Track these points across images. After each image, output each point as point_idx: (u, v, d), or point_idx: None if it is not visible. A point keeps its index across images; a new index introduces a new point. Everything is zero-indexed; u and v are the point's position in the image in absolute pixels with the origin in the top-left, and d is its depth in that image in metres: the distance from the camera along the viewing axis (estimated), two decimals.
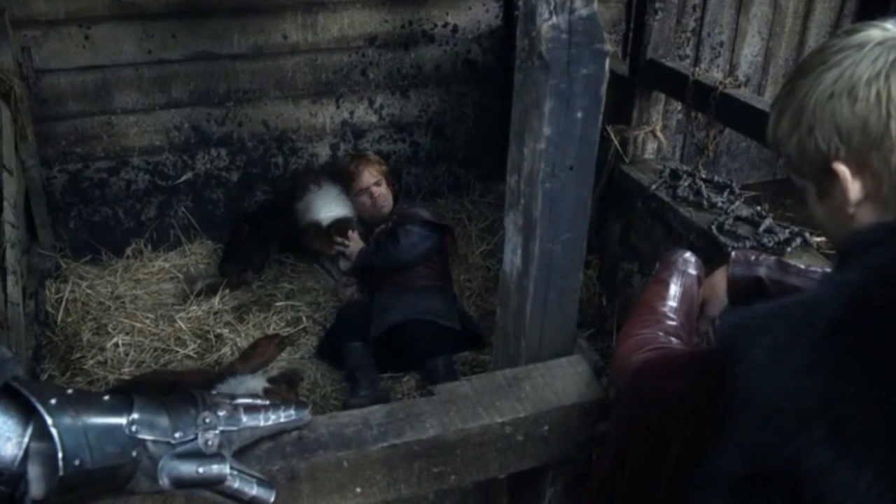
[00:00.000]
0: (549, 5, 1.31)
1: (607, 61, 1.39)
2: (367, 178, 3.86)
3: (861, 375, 0.82)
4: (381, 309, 3.44)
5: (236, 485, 1.22)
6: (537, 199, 1.46)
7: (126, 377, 3.21)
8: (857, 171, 0.99)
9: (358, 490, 1.38)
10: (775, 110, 1.08)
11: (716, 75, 3.44)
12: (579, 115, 1.41)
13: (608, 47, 1.37)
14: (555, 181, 1.45)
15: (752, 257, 1.64)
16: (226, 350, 3.44)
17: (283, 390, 2.72)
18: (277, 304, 3.77)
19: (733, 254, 1.66)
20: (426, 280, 3.60)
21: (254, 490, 1.24)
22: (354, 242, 3.74)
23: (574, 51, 1.34)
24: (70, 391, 1.16)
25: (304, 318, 3.68)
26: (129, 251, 4.04)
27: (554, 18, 1.32)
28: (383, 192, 3.87)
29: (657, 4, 3.22)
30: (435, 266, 3.71)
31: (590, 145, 1.45)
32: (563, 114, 1.39)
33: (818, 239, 2.74)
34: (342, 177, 3.96)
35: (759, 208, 2.97)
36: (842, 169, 0.99)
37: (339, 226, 3.78)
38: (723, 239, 2.77)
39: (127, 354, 3.39)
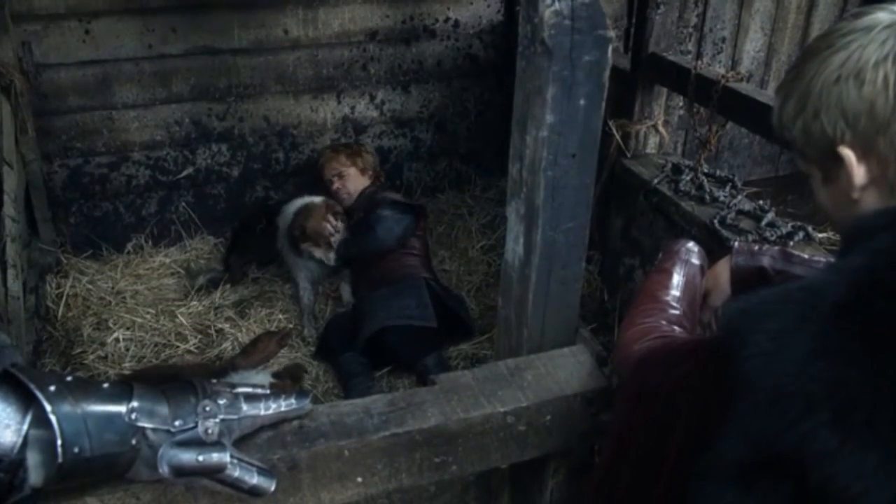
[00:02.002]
0: None
1: (610, 48, 1.38)
2: (329, 171, 3.89)
3: (867, 359, 0.81)
4: (362, 314, 3.43)
5: (236, 473, 1.21)
6: (539, 188, 1.45)
7: (126, 372, 3.20)
8: (863, 155, 0.98)
9: (359, 479, 1.37)
10: (781, 94, 1.06)
11: (718, 70, 3.43)
12: (582, 102, 1.40)
13: (611, 34, 1.36)
14: (557, 169, 1.44)
15: (756, 248, 1.63)
16: (227, 345, 3.44)
17: (288, 385, 2.71)
18: (279, 299, 3.77)
19: (736, 244, 1.65)
20: (405, 269, 3.56)
21: (254, 479, 1.23)
22: (343, 228, 3.70)
23: (577, 37, 1.33)
24: (69, 378, 1.15)
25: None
26: (129, 246, 4.03)
27: (556, 4, 1.31)
28: (344, 185, 3.87)
29: None
30: (414, 251, 3.67)
31: (592, 133, 1.44)
32: (565, 101, 1.38)
33: (821, 235, 2.74)
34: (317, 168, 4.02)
35: (761, 202, 2.96)
36: (847, 153, 0.98)
37: (332, 206, 3.74)
38: (725, 233, 2.76)
39: (127, 349, 3.38)
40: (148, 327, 3.51)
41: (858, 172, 0.98)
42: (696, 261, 1.60)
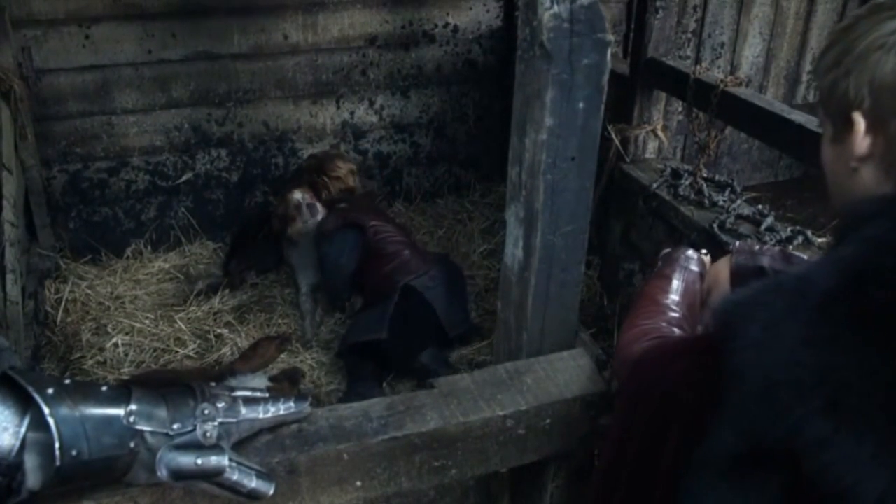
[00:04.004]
0: None
1: (609, 51, 1.38)
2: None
3: (859, 346, 0.80)
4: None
5: (235, 477, 1.21)
6: (539, 191, 1.45)
7: (125, 377, 3.20)
8: (872, 128, 0.96)
9: (358, 483, 1.37)
10: (829, 39, 1.04)
11: (717, 74, 3.44)
12: (581, 105, 1.40)
13: (610, 37, 1.36)
14: (556, 172, 1.44)
15: (756, 248, 1.63)
16: (226, 350, 3.43)
17: (286, 387, 2.71)
18: (278, 305, 3.76)
19: (737, 244, 1.65)
20: (381, 281, 3.43)
21: (253, 482, 1.23)
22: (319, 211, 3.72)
23: (576, 40, 1.33)
24: (68, 381, 1.15)
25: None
26: (128, 251, 4.03)
27: (556, 7, 1.31)
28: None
29: (658, 3, 3.22)
30: (388, 257, 3.49)
31: (592, 136, 1.44)
32: (564, 104, 1.38)
33: (821, 240, 2.73)
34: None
35: (760, 207, 2.96)
36: (859, 120, 0.97)
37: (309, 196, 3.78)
38: (724, 237, 2.76)
39: (126, 354, 3.38)
40: (147, 332, 3.50)
41: (862, 143, 0.97)
42: (695, 268, 1.60)
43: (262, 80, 3.97)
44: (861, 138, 0.97)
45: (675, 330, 1.38)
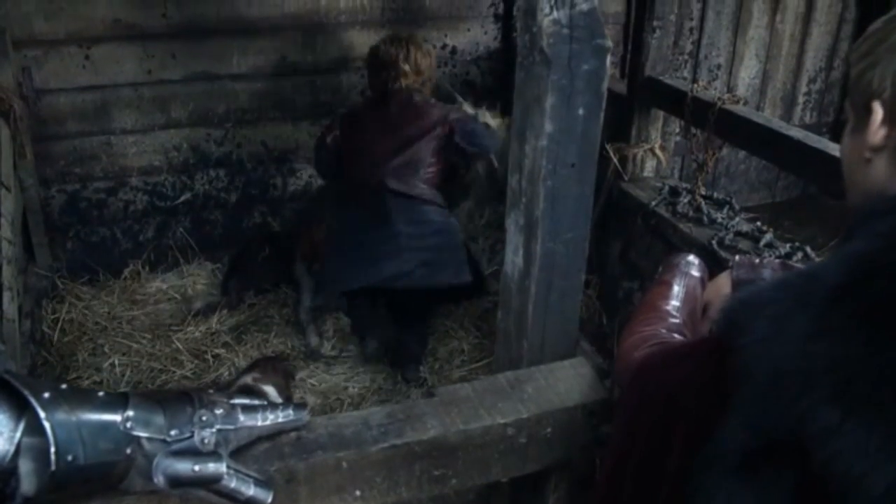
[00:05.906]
0: (549, 0, 1.31)
1: (608, 57, 1.38)
2: None
3: (867, 338, 0.80)
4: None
5: (233, 484, 1.19)
6: (539, 198, 1.45)
7: None
8: (889, 119, 0.96)
9: (357, 493, 1.35)
10: (868, 30, 1.03)
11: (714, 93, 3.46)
12: (581, 111, 1.40)
13: (609, 43, 1.37)
14: (556, 179, 1.44)
15: (756, 261, 1.62)
16: (223, 370, 3.41)
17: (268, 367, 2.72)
18: (276, 324, 3.75)
19: (737, 257, 1.65)
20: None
21: (251, 490, 1.21)
22: None
23: (575, 46, 1.34)
24: (64, 386, 1.14)
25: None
26: (126, 272, 4.00)
27: (555, 13, 1.32)
28: None
29: (655, 23, 3.24)
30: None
31: (591, 142, 1.45)
32: (564, 110, 1.39)
33: (820, 259, 2.73)
34: None
35: (759, 224, 2.96)
36: (877, 109, 0.96)
37: None
38: (723, 254, 2.75)
39: (123, 375, 3.35)
40: (144, 353, 3.48)
41: (878, 133, 0.97)
42: (696, 273, 1.59)
43: (261, 101, 3.98)
44: (877, 127, 0.97)
45: (676, 336, 1.37)
